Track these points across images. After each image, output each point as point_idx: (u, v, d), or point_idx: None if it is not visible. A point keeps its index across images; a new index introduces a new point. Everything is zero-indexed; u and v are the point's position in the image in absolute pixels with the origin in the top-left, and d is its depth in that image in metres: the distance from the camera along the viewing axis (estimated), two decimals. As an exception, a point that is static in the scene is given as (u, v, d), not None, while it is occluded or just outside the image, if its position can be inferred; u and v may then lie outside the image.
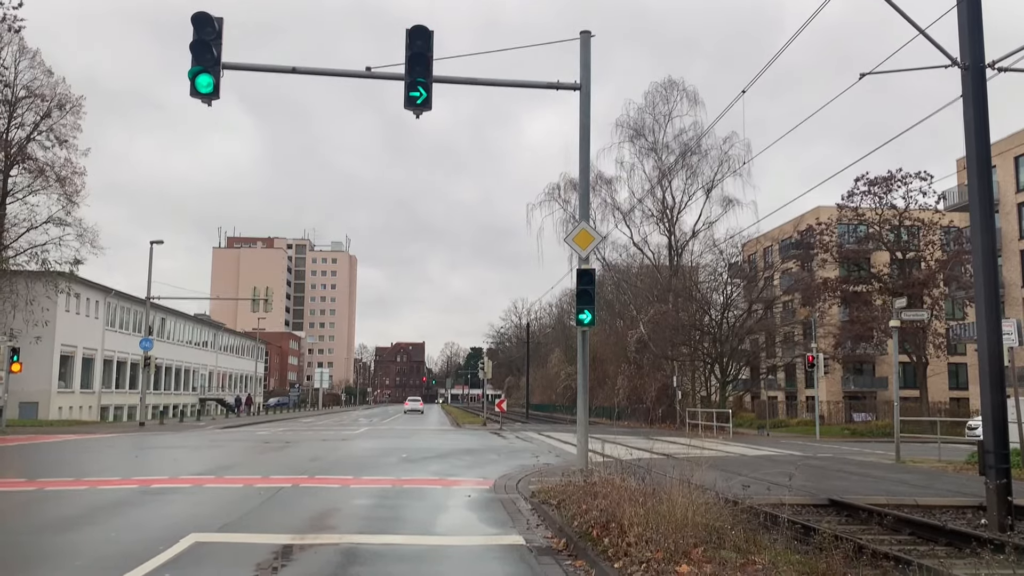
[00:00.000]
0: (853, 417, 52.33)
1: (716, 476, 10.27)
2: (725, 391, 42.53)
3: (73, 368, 46.72)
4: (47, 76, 38.68)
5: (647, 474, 9.82)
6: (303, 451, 20.86)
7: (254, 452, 21.02)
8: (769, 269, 45.34)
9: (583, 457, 12.07)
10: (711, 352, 42.81)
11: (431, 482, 13.35)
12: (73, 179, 38.90)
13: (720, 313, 41.73)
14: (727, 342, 41.68)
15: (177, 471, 14.86)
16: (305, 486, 12.49)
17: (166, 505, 10.58)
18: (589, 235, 12.13)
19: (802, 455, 22.36)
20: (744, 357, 42.14)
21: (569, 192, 50.57)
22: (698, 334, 44.13)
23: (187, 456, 19.52)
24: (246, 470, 15.36)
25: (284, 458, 18.81)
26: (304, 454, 19.74)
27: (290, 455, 19.62)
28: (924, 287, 42.28)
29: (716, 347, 42.32)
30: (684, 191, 48.94)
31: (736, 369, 42.72)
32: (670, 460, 18.20)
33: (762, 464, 19.19)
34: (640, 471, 10.33)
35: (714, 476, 9.58)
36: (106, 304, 50.65)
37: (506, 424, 40.73)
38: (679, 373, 43.30)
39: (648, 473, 9.86)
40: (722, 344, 41.74)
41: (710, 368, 44.27)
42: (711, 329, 42.43)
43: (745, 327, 41.90)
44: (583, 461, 12.04)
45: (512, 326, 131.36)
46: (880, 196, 43.49)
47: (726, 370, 42.29)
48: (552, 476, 13.99)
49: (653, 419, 44.84)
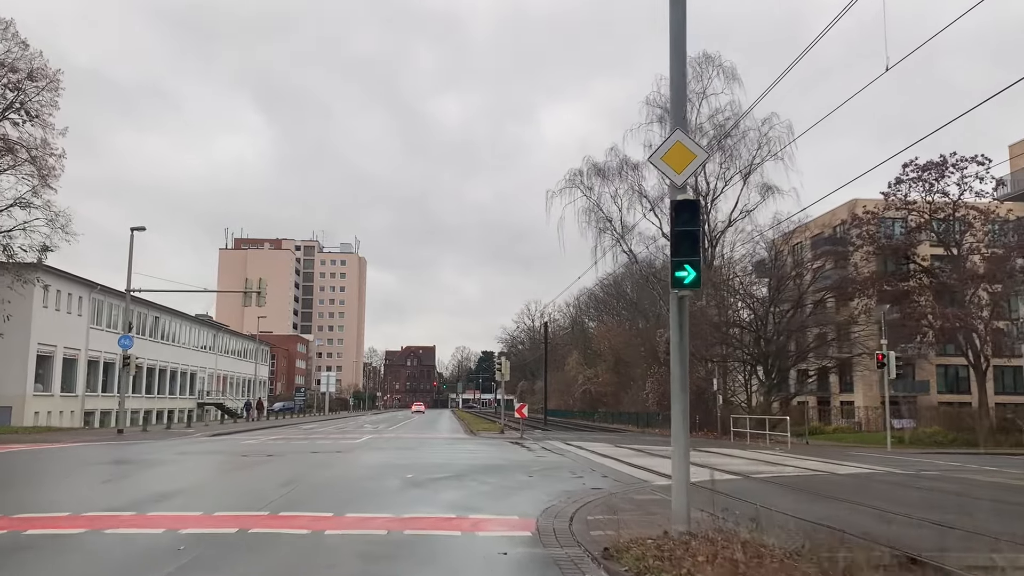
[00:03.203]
0: (893, 424, 48.32)
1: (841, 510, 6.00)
2: (770, 395, 38.06)
3: (52, 369, 42.77)
4: (22, 48, 35.10)
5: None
6: (282, 469, 16.63)
7: (221, 470, 16.86)
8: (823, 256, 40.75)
9: (681, 498, 7.76)
10: (753, 351, 38.38)
11: (445, 523, 9.08)
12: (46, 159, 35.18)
13: (765, 308, 37.28)
14: (773, 341, 37.22)
15: (88, 502, 10.69)
16: (256, 532, 8.25)
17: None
18: (687, 150, 7.85)
19: (903, 472, 17.99)
20: (792, 357, 37.66)
21: (592, 178, 46.40)
22: (737, 331, 39.72)
23: (130, 475, 15.36)
24: (187, 501, 11.14)
25: (252, 480, 14.60)
26: (281, 473, 15.52)
27: (262, 475, 15.40)
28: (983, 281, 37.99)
29: (759, 346, 37.91)
30: (719, 176, 44.64)
31: (782, 370, 38.23)
32: (762, 484, 13.99)
33: (870, 487, 14.83)
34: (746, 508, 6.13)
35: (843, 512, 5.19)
36: (91, 300, 46.70)
37: (525, 431, 36.44)
38: (719, 375, 38.89)
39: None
40: (767, 343, 37.29)
41: (751, 370, 39.83)
42: (754, 326, 38.03)
43: (794, 323, 37.40)
44: (682, 504, 7.74)
45: (525, 329, 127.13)
46: (931, 183, 39.20)
47: (770, 372, 37.82)
48: (619, 513, 9.75)
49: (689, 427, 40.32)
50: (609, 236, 46.07)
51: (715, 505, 8.52)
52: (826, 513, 10.14)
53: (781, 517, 9.32)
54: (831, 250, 44.96)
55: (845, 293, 39.54)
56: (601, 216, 46.04)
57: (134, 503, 10.54)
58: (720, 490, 12.87)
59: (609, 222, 46.03)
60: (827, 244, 46.58)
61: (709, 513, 8.41)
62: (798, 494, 12.93)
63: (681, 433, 7.91)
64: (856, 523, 9.15)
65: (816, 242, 48.83)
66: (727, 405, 38.84)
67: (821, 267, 39.70)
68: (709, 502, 9.66)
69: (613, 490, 12.73)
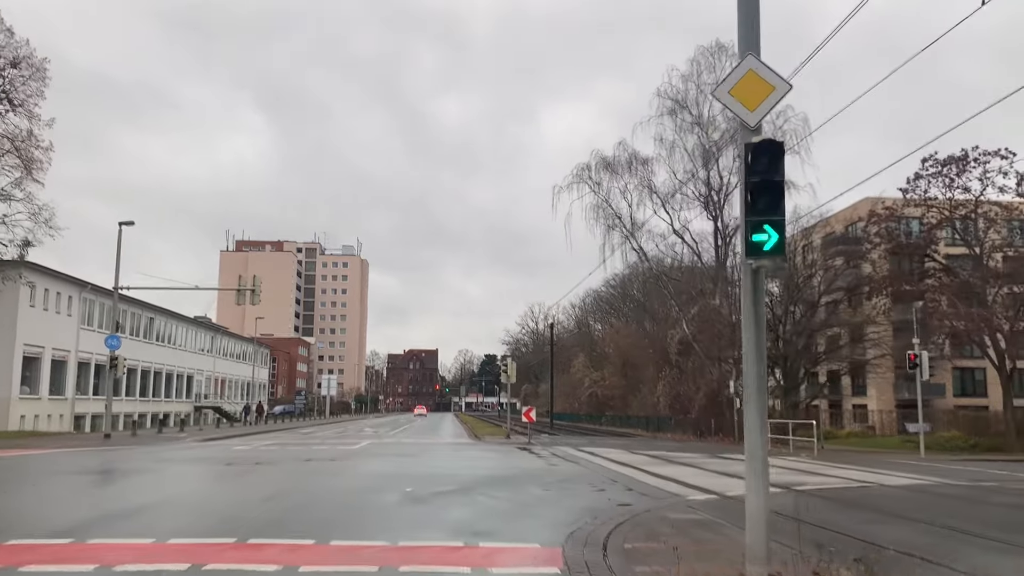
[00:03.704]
0: (907, 427, 46.62)
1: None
2: (787, 398, 36.23)
3: (40, 371, 41.06)
4: (7, 36, 33.55)
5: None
6: (267, 480, 14.91)
7: (198, 482, 15.14)
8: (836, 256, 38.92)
9: (759, 531, 5.99)
10: (771, 352, 36.56)
11: (451, 555, 7.35)
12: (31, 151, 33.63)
13: (784, 306, 35.46)
14: (792, 341, 35.40)
15: (25, 523, 8.98)
16: (211, 571, 6.53)
17: None
18: (762, 81, 6.13)
19: (958, 483, 16.20)
20: (812, 358, 35.82)
21: (601, 172, 44.52)
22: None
23: (94, 488, 13.66)
24: (145, 522, 9.41)
25: (230, 494, 12.88)
26: (264, 486, 13.80)
27: (242, 488, 13.68)
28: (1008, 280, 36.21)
29: (777, 347, 36.10)
30: (733, 170, 42.78)
31: (802, 372, 36.37)
32: (813, 499, 12.07)
33: (937, 502, 12.99)
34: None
35: None
36: (81, 300, 45.02)
37: (532, 436, 34.66)
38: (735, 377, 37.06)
39: None
40: (786, 343, 35.47)
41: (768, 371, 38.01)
42: (771, 325, 36.23)
43: (814, 322, 35.56)
44: (760, 539, 5.98)
45: (528, 332, 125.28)
46: (951, 178, 37.41)
47: (789, 374, 36.00)
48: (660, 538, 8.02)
49: (703, 431, 38.57)
50: (618, 233, 44.29)
51: (800, 538, 6.77)
52: (909, 539, 8.41)
53: (858, 544, 7.60)
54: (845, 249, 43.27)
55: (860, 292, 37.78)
56: (610, 212, 44.27)
57: (80, 525, 8.81)
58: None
59: (618, 219, 44.26)
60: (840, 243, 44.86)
61: (780, 543, 6.69)
62: (860, 512, 11.18)
63: (758, 447, 6.14)
64: (963, 556, 7.41)
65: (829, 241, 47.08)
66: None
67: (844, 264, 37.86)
68: (797, 534, 7.92)
69: (644, 506, 10.99)
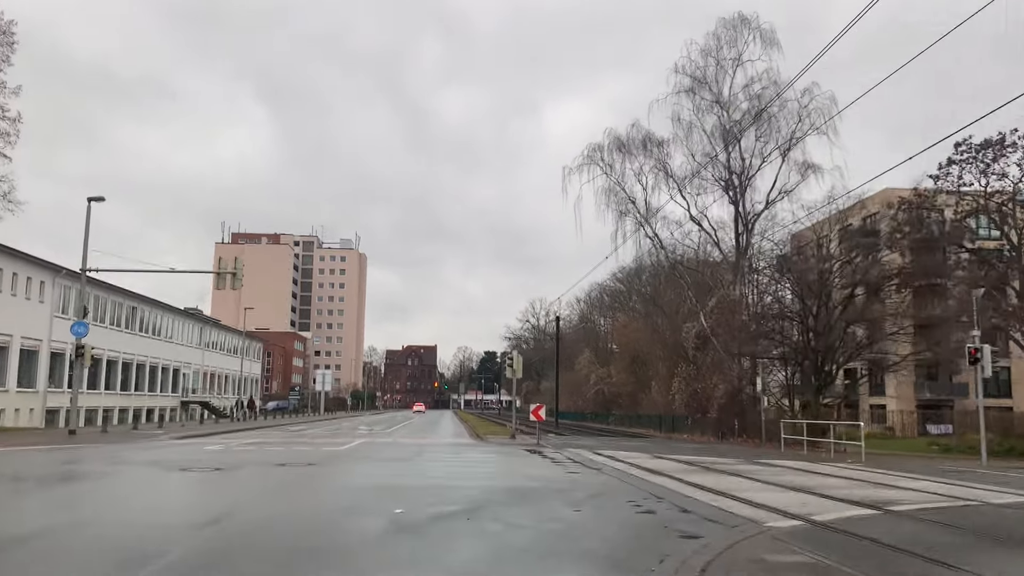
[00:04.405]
0: (928, 429, 43.82)
1: None
2: (819, 396, 33.21)
3: (7, 362, 38.01)
4: (-33, -5, 30.66)
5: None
6: (218, 494, 11.90)
7: (135, 493, 12.10)
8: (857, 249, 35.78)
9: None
10: (801, 346, 33.58)
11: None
12: (-4, 122, 30.75)
13: (816, 296, 32.45)
14: (823, 334, 32.38)
15: None
16: None
17: None
18: None
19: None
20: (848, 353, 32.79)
21: (614, 154, 41.53)
22: (778, 324, 34.90)
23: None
24: (21, 564, 6.38)
25: (160, 514, 9.80)
26: (209, 504, 10.78)
27: (179, 507, 10.67)
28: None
29: (808, 340, 33.11)
30: (755, 152, 39.79)
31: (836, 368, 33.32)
32: (921, 525, 8.25)
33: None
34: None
35: None
36: (55, 286, 41.98)
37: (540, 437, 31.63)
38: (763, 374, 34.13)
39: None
40: (818, 336, 32.45)
41: (794, 368, 35.01)
42: (802, 316, 33.23)
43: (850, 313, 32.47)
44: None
45: (530, 328, 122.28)
46: (987, 163, 34.49)
47: (821, 370, 32.97)
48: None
49: (724, 432, 35.54)
50: (631, 220, 41.29)
51: None
52: None
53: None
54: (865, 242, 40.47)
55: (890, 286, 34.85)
56: (623, 197, 41.26)
57: None
58: (864, 534, 8.11)
59: (632, 203, 41.25)
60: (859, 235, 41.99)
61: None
62: (992, 545, 8.17)
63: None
64: None
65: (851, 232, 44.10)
66: (771, 409, 34.08)
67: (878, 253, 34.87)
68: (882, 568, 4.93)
69: (718, 539, 7.93)
